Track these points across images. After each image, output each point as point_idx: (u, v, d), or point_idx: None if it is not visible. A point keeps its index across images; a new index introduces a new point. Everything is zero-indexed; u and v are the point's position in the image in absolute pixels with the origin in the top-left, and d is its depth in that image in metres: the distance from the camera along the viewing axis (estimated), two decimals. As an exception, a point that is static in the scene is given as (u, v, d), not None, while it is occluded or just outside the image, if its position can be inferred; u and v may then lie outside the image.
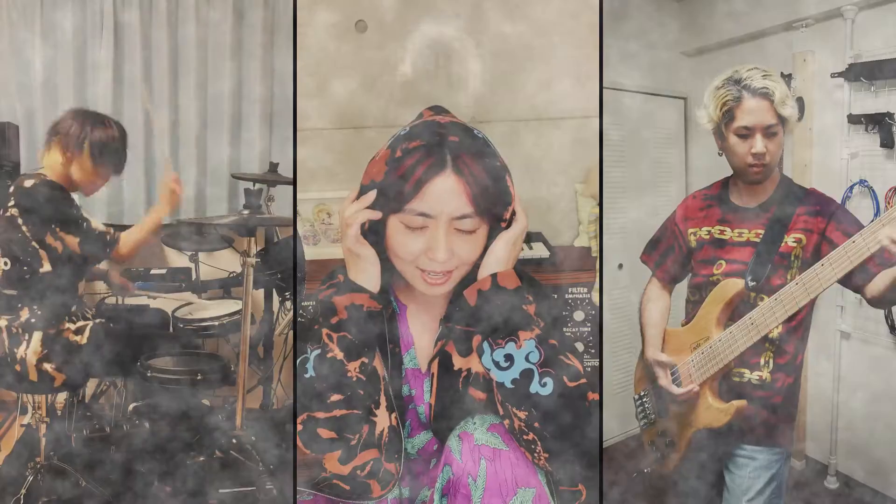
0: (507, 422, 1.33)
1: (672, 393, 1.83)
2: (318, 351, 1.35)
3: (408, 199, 1.29)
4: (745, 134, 1.74)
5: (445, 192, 1.29)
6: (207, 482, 2.24)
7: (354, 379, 1.34)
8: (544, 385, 1.31)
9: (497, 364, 1.33)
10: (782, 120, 1.73)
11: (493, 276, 1.34)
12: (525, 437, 1.31)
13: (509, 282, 1.34)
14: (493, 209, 1.33)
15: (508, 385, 1.32)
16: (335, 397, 1.33)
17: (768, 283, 1.74)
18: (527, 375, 1.31)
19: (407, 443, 1.46)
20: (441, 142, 1.30)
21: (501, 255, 1.35)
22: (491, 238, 1.36)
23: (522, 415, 1.31)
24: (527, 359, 1.32)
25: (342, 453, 1.33)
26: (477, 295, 1.34)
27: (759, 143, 1.72)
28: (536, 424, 1.30)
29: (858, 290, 1.70)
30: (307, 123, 2.46)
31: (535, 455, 1.31)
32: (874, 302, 1.69)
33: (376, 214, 1.33)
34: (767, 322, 1.70)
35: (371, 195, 1.33)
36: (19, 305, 2.21)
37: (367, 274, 1.36)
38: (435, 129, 1.32)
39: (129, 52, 2.92)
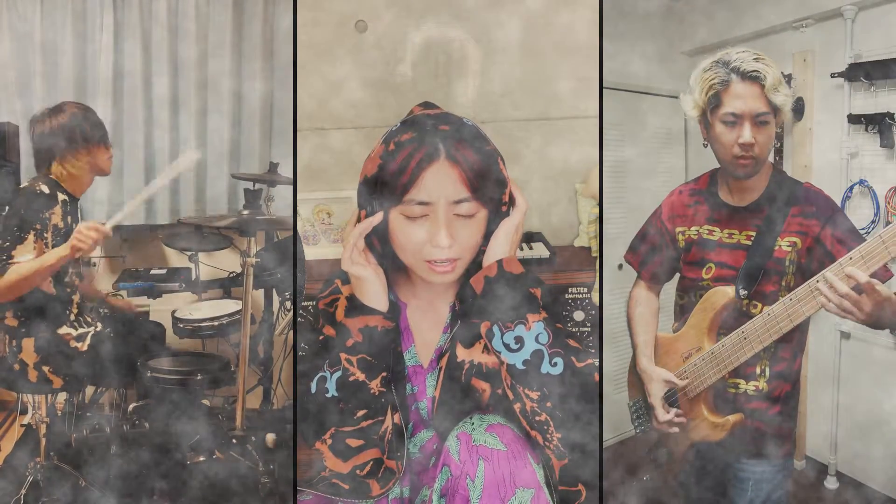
0: (517, 405, 1.34)
1: (657, 417, 1.76)
2: (339, 374, 1.37)
3: (406, 189, 1.31)
4: (733, 121, 1.58)
5: (442, 179, 1.30)
6: (207, 482, 2.24)
7: (376, 393, 1.38)
8: (555, 365, 1.33)
9: (507, 346, 1.34)
10: (774, 109, 1.58)
11: (499, 262, 1.36)
12: (538, 418, 1.32)
13: (514, 267, 1.37)
14: (490, 192, 1.34)
15: (520, 367, 1.33)
16: (361, 412, 1.37)
17: (761, 291, 1.64)
18: (537, 356, 1.33)
19: (409, 441, 1.46)
20: (433, 132, 1.31)
21: (504, 243, 1.37)
22: (492, 224, 1.37)
23: (535, 395, 1.32)
24: (536, 340, 1.34)
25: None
26: (483, 282, 1.35)
27: (747, 132, 1.56)
28: (549, 404, 1.32)
29: None
30: (307, 123, 2.46)
31: (548, 437, 1.32)
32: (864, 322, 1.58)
33: (377, 219, 1.35)
34: (761, 338, 1.62)
35: (377, 217, 1.34)
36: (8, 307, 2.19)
37: (373, 294, 1.38)
38: (425, 120, 1.33)
39: (129, 51, 2.92)
